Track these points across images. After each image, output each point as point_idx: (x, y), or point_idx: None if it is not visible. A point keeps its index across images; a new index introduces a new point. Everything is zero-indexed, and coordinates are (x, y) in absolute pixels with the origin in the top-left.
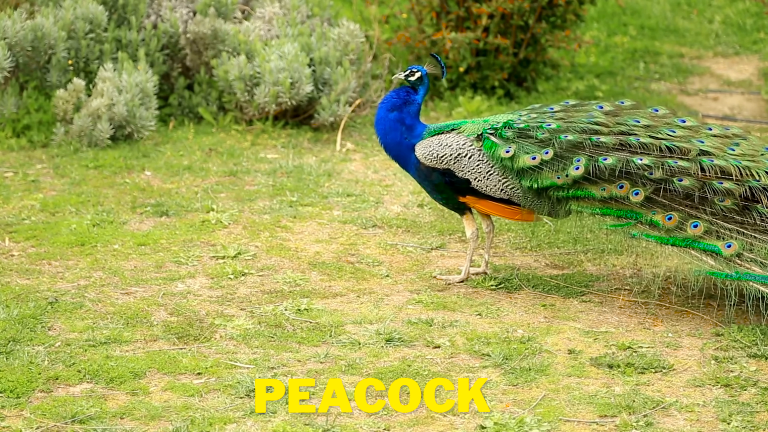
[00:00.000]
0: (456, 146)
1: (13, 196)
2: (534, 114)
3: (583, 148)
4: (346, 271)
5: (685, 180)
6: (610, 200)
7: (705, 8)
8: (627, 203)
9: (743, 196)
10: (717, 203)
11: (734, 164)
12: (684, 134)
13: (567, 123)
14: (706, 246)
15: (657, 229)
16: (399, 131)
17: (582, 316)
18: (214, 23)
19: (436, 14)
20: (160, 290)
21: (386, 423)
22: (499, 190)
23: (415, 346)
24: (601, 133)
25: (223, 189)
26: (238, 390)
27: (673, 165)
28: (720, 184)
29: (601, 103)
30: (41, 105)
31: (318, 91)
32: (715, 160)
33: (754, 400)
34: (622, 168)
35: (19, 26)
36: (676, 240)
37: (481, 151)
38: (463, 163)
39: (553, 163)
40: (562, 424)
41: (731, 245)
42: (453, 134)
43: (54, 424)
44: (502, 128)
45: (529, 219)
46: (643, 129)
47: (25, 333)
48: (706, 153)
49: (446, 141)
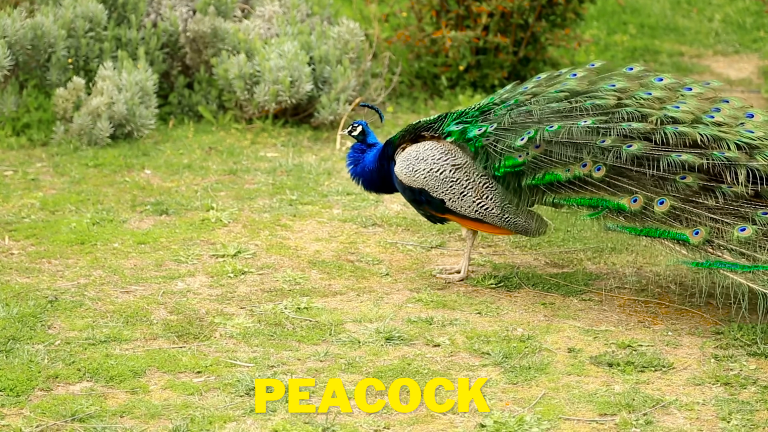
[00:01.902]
0: (431, 160)
1: (12, 195)
2: (507, 94)
3: (534, 118)
4: (345, 270)
5: (634, 145)
6: (578, 184)
7: (705, 7)
8: (593, 187)
9: (706, 171)
10: (678, 181)
11: (701, 133)
12: (662, 95)
13: (531, 96)
14: (676, 235)
15: (628, 218)
16: (370, 172)
17: (582, 314)
18: (213, 22)
19: (435, 13)
20: (160, 289)
21: (386, 421)
22: (474, 211)
23: (414, 344)
24: (558, 100)
25: (222, 187)
26: (237, 388)
27: (625, 128)
28: (678, 156)
29: (575, 70)
30: (41, 103)
31: (318, 90)
32: (679, 127)
33: (754, 399)
34: (569, 135)
35: (19, 25)
36: (649, 230)
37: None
38: (437, 183)
39: (504, 135)
40: (561, 423)
41: (699, 232)
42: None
43: (54, 422)
44: (465, 114)
45: (508, 233)
46: (614, 93)
47: (24, 331)
48: (674, 120)
49: (422, 155)
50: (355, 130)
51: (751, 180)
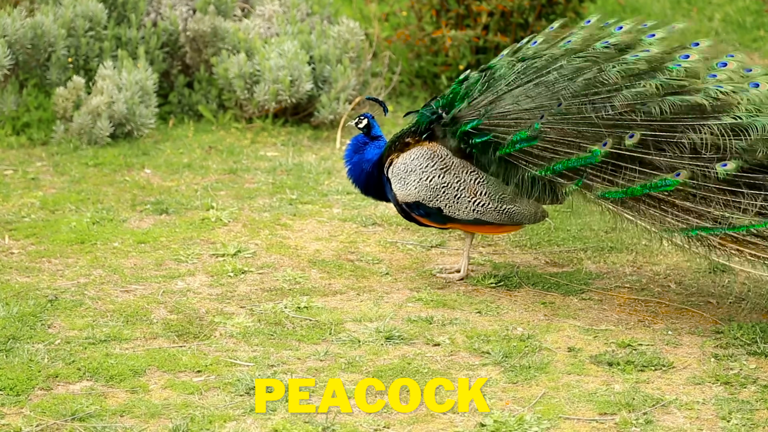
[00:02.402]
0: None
1: (12, 194)
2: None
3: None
4: (345, 269)
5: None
6: (545, 144)
7: (705, 6)
8: (561, 144)
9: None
10: (640, 109)
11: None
12: (628, 39)
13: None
14: (660, 183)
15: (606, 178)
16: (367, 175)
17: (582, 313)
18: (213, 21)
19: (435, 12)
20: (160, 288)
21: (386, 421)
22: (472, 210)
23: (414, 343)
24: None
25: (222, 187)
26: (237, 388)
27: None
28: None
29: (536, 38)
30: (41, 103)
31: (318, 89)
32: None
33: (754, 398)
34: (513, 76)
35: (19, 24)
36: (633, 190)
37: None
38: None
39: (474, 87)
40: (561, 422)
41: (680, 173)
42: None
43: (54, 421)
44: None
45: (514, 229)
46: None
47: (24, 331)
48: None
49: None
50: (361, 122)
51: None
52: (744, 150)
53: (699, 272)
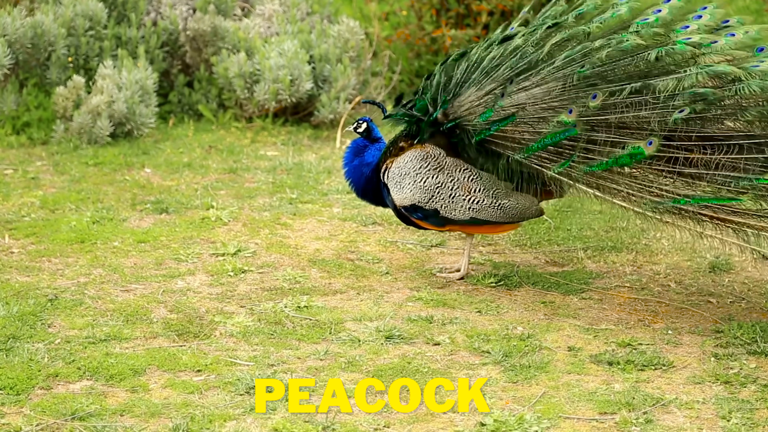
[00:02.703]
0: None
1: (12, 193)
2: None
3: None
4: (345, 269)
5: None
6: (521, 122)
7: None
8: (537, 117)
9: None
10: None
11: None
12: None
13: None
14: (634, 152)
15: (581, 156)
16: (367, 179)
17: (582, 313)
18: (213, 20)
19: (435, 11)
20: (160, 287)
21: (386, 421)
22: (468, 209)
23: (414, 343)
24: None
25: (222, 186)
26: (238, 387)
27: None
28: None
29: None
30: (41, 102)
31: (318, 89)
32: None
33: (754, 397)
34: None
35: (19, 23)
36: (607, 163)
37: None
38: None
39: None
40: (561, 421)
41: (652, 142)
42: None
43: (54, 421)
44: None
45: (512, 227)
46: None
47: (24, 330)
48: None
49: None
50: (360, 126)
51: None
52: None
53: (699, 271)
